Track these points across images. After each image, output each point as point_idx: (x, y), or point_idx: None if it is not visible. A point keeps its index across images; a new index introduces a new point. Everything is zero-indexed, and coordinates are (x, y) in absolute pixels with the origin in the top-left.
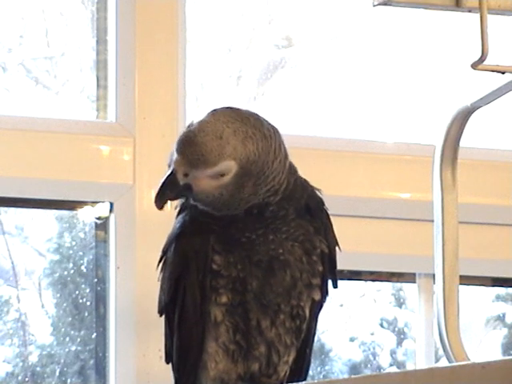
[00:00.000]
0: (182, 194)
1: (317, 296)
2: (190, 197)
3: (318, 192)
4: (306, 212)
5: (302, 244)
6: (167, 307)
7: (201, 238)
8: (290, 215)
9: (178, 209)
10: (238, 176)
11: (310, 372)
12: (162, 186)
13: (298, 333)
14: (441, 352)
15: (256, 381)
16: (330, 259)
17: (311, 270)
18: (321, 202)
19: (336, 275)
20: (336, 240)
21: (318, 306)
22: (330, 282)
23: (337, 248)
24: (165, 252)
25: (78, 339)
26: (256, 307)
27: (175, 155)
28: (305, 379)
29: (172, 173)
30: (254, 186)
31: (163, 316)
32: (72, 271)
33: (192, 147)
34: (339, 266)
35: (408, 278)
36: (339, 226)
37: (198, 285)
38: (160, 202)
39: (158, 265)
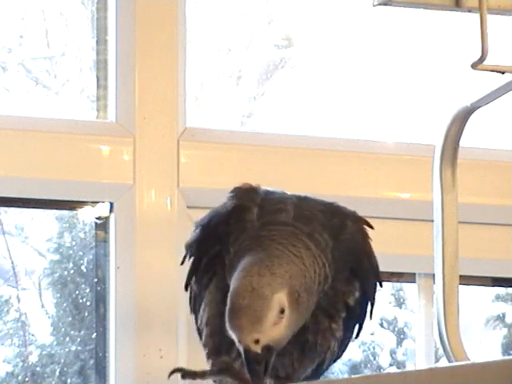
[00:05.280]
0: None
1: (338, 333)
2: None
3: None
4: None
5: (326, 311)
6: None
7: None
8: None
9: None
10: (294, 301)
11: None
12: (251, 372)
13: (314, 362)
14: (441, 352)
15: None
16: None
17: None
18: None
19: (373, 304)
20: (375, 284)
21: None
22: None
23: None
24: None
25: (78, 339)
26: None
27: (234, 334)
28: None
29: (246, 351)
30: (311, 296)
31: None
32: (72, 271)
33: (247, 307)
34: None
35: (408, 277)
36: None
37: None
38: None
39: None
